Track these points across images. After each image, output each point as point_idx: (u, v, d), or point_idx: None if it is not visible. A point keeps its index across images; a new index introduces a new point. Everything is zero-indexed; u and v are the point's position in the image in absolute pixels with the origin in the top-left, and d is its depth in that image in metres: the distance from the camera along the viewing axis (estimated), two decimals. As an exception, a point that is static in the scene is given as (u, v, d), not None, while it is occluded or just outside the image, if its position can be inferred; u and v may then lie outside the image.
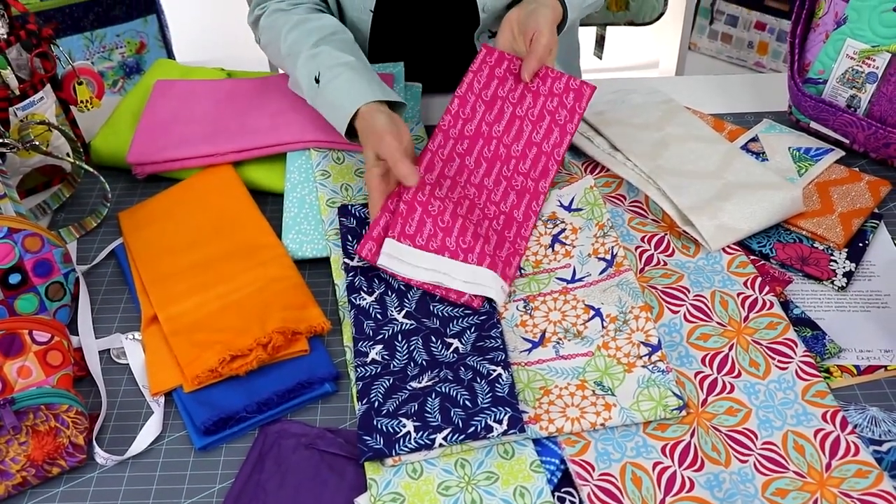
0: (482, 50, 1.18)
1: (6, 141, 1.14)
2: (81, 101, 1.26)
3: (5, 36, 1.16)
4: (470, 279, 1.04)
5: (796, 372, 0.96)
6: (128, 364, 1.03)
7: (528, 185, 1.15)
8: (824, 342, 1.01)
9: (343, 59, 1.16)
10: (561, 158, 1.16)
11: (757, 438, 0.90)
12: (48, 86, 1.22)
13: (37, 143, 1.17)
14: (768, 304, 1.03)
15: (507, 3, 1.26)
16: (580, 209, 1.14)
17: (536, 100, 1.16)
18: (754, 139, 1.28)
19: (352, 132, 1.12)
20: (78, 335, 1.06)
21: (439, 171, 1.14)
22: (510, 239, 1.11)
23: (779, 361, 0.97)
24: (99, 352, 1.04)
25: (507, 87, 1.18)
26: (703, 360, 0.98)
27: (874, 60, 1.18)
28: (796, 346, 0.99)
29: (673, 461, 0.89)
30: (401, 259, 1.05)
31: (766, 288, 1.05)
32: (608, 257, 1.07)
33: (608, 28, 2.27)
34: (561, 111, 1.15)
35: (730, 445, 0.90)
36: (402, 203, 1.07)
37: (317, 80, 1.16)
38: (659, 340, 0.97)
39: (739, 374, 0.97)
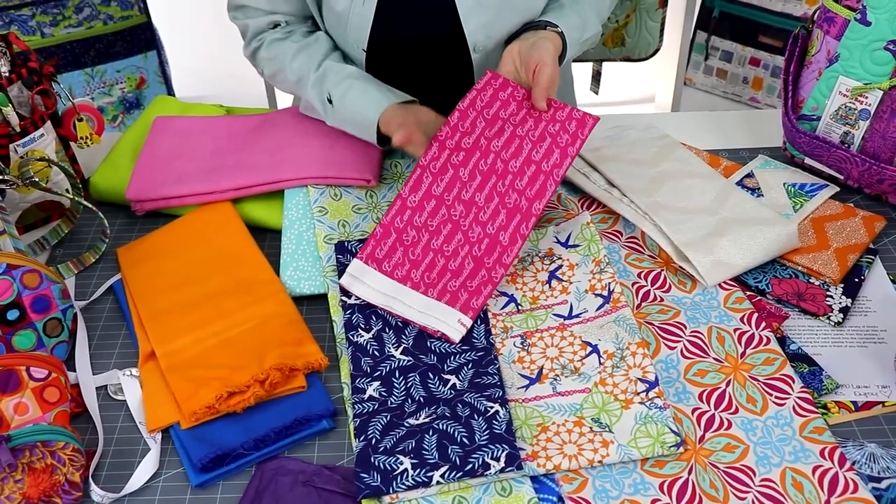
0: (487, 74, 1.20)
1: (6, 177, 1.15)
2: (81, 138, 1.27)
3: (7, 74, 1.17)
4: (425, 310, 1.06)
5: (794, 408, 0.96)
6: (125, 400, 1.03)
7: (522, 204, 1.12)
8: (821, 378, 1.01)
9: (347, 72, 1.24)
10: (559, 179, 1.12)
11: (755, 475, 0.90)
12: (48, 122, 1.22)
13: (36, 179, 1.18)
14: (765, 340, 1.03)
15: (498, 43, 1.28)
16: (577, 245, 1.14)
17: (538, 123, 1.16)
18: (750, 175, 1.29)
19: (381, 138, 1.21)
20: (75, 371, 1.06)
21: (426, 190, 1.14)
22: (487, 266, 1.09)
23: (776, 397, 0.97)
24: (96, 388, 1.04)
25: (508, 111, 1.17)
26: (700, 397, 0.98)
27: (866, 97, 1.19)
28: (793, 381, 0.99)
29: (671, 498, 0.89)
30: (362, 281, 1.09)
31: (763, 324, 1.05)
32: (605, 293, 1.07)
33: (604, 63, 2.29)
34: (563, 135, 1.14)
35: (728, 482, 0.90)
36: (378, 226, 1.12)
37: (330, 101, 1.23)
38: (656, 377, 0.97)
39: (737, 411, 0.96)
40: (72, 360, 1.08)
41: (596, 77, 2.31)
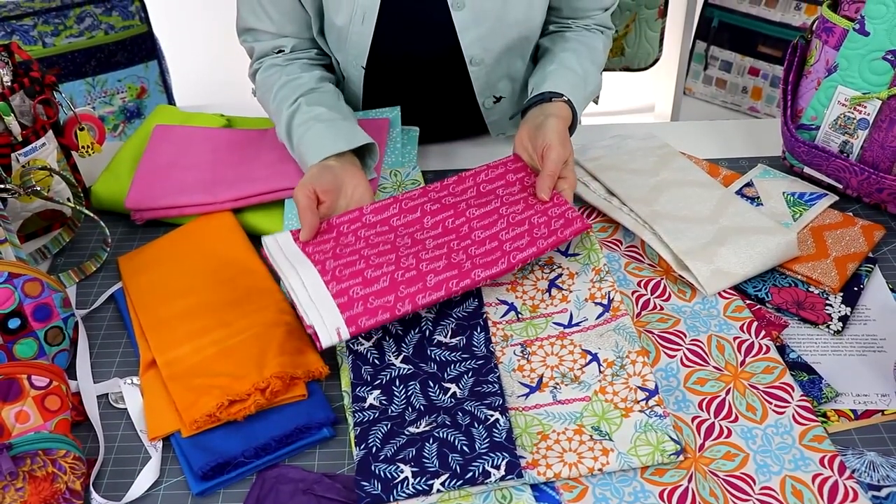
0: (511, 156, 1.21)
1: (7, 186, 1.15)
2: (83, 147, 1.28)
3: (9, 83, 1.18)
4: (314, 298, 1.03)
5: (793, 416, 0.96)
6: (126, 409, 1.03)
7: (465, 265, 1.07)
8: (821, 386, 1.01)
9: (314, 113, 1.22)
10: (515, 263, 1.06)
11: (755, 483, 0.90)
12: (50, 132, 1.23)
13: (38, 188, 1.18)
14: (765, 349, 1.03)
15: (496, 55, 1.28)
16: (577, 254, 1.14)
17: (526, 210, 1.13)
18: (749, 184, 1.30)
19: None
20: (76, 380, 1.06)
21: (386, 216, 1.15)
22: (399, 294, 1.03)
23: (776, 406, 0.97)
24: (97, 396, 1.05)
25: (507, 190, 1.17)
26: (700, 405, 0.99)
27: (865, 107, 1.19)
28: (793, 390, 0.99)
29: (671, 507, 0.89)
30: (283, 254, 1.09)
31: (763, 332, 1.05)
32: (605, 302, 1.07)
33: (604, 73, 2.30)
34: (542, 228, 1.10)
35: (728, 490, 0.90)
36: (325, 221, 1.13)
37: (290, 139, 1.23)
38: (656, 385, 0.97)
39: (737, 419, 0.97)
40: (73, 368, 1.08)
41: (595, 87, 2.31)
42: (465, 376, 1.01)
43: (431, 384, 1.00)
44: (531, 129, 1.19)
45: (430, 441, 0.93)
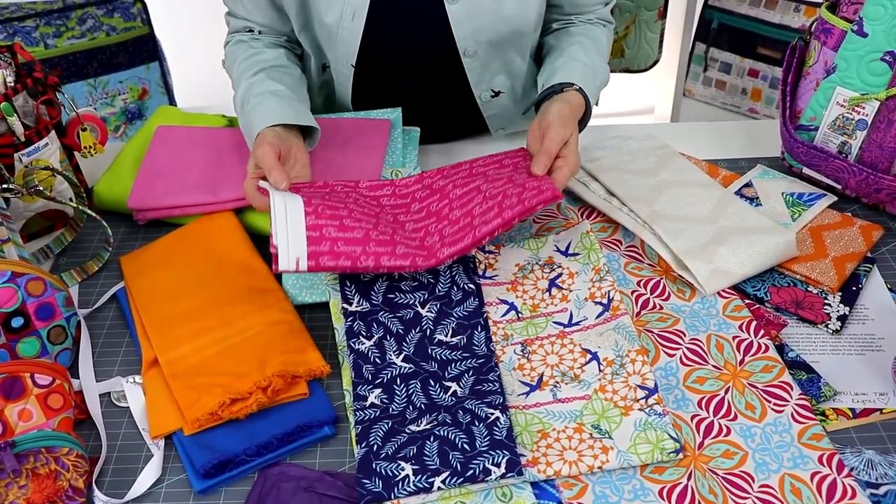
0: (518, 149, 1.22)
1: (11, 186, 1.16)
2: (85, 147, 1.28)
3: (12, 84, 1.18)
4: (290, 222, 1.04)
5: (792, 415, 0.97)
6: (128, 407, 1.04)
7: (435, 246, 1.08)
8: (819, 385, 1.02)
9: (272, 88, 1.23)
10: (478, 238, 1.06)
11: (754, 481, 0.91)
12: (53, 132, 1.24)
13: (41, 188, 1.19)
14: (763, 348, 1.04)
15: (487, 46, 1.29)
16: (577, 254, 1.15)
17: (506, 185, 1.11)
18: (748, 184, 1.30)
19: None
20: (79, 378, 1.06)
21: (377, 195, 1.17)
22: (367, 250, 1.04)
23: (774, 404, 0.98)
24: (100, 395, 1.05)
25: (497, 171, 1.16)
26: (699, 404, 0.99)
27: (863, 108, 1.20)
28: (792, 388, 0.99)
29: (670, 504, 0.90)
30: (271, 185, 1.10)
31: (762, 331, 1.06)
32: (605, 301, 1.08)
33: (604, 75, 2.30)
34: (513, 199, 1.08)
35: (727, 488, 0.91)
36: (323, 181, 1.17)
37: (244, 105, 1.23)
38: (655, 384, 0.98)
39: (736, 417, 0.97)
40: (75, 367, 1.09)
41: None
42: (466, 375, 1.01)
43: (432, 383, 1.01)
44: (539, 117, 1.19)
45: (431, 439, 0.94)
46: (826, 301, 1.12)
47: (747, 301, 1.11)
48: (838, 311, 1.11)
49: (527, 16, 1.29)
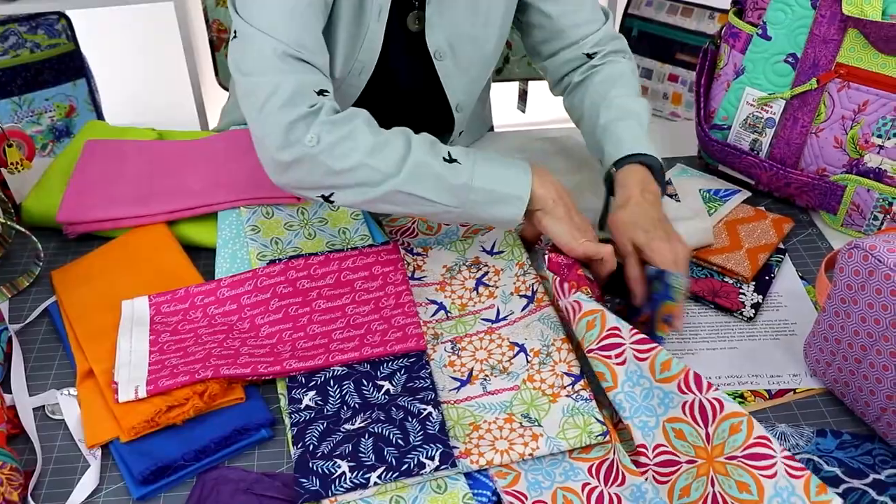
0: (390, 245, 1.19)
1: (-64, 203, 1.15)
2: (11, 163, 1.28)
3: (-65, 101, 1.18)
4: (131, 363, 1.04)
5: (786, 472, 0.84)
6: (63, 419, 1.04)
7: (284, 355, 1.06)
8: (667, 283, 1.01)
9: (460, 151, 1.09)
10: (329, 364, 1.04)
11: None
12: (-22, 149, 1.23)
13: (-33, 205, 1.18)
14: (718, 406, 0.90)
15: (475, 99, 1.33)
16: (501, 251, 1.19)
17: (371, 314, 1.11)
18: (668, 182, 1.35)
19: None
20: (11, 393, 1.06)
21: (241, 292, 1.14)
22: (207, 364, 1.02)
23: (764, 469, 0.85)
24: (33, 409, 1.05)
25: (365, 284, 1.15)
26: None
27: (771, 107, 1.26)
28: (770, 441, 0.86)
29: (599, 480, 0.92)
30: (133, 316, 1.11)
31: (705, 383, 0.92)
32: (529, 294, 1.12)
33: (530, 83, 2.36)
34: (376, 336, 1.08)
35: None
36: (184, 288, 1.15)
37: (451, 160, 1.07)
38: (581, 370, 1.01)
39: None
40: (7, 382, 1.08)
41: (522, 96, 2.38)
42: (398, 374, 1.04)
43: (365, 382, 1.03)
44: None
45: (366, 436, 0.96)
46: (741, 290, 1.17)
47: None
48: (752, 299, 1.16)
49: (500, 46, 1.32)
